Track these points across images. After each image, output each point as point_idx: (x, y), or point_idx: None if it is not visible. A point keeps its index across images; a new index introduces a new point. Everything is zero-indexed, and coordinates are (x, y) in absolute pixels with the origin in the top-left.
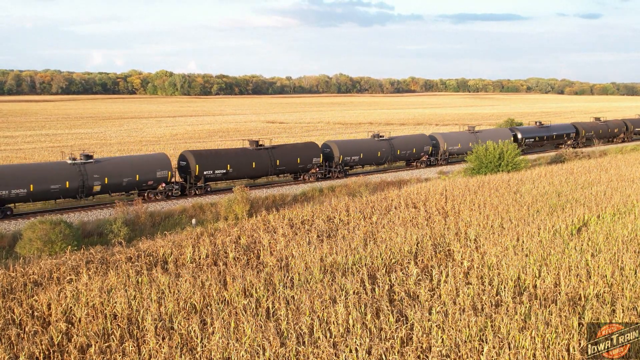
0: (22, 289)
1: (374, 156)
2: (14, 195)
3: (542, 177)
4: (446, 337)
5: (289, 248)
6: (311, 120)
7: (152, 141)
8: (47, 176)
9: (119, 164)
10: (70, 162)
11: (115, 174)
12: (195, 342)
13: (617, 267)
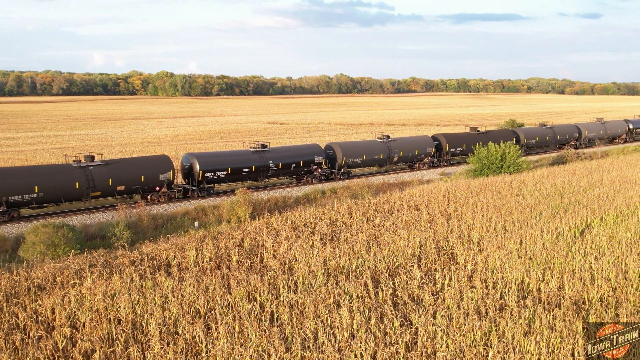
0: (26, 293)
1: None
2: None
3: (544, 178)
4: (451, 341)
5: (292, 251)
6: (312, 121)
7: (153, 142)
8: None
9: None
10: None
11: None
12: (200, 347)
13: (620, 271)
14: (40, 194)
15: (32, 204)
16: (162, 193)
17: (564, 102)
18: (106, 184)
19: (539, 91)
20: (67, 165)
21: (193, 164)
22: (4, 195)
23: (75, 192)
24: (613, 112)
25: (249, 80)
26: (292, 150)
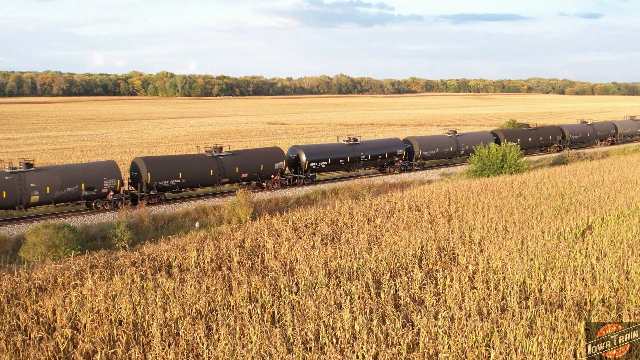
0: (27, 294)
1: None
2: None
3: (545, 179)
4: (453, 342)
5: (293, 252)
6: (312, 121)
7: (153, 143)
8: None
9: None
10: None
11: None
12: (201, 349)
13: (622, 271)
14: (183, 179)
15: (176, 189)
16: (276, 180)
17: (564, 102)
18: (233, 171)
19: (539, 91)
20: (202, 155)
21: (300, 155)
22: (155, 180)
23: (209, 178)
24: (613, 113)
25: (249, 81)
26: (379, 143)
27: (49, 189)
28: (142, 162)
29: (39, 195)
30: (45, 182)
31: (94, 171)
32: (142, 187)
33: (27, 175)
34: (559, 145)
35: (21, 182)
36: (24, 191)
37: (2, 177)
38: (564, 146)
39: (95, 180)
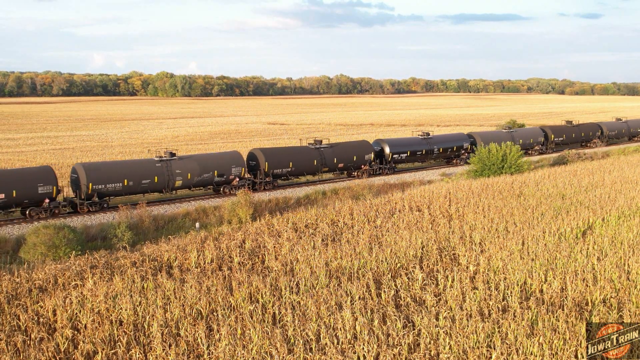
0: (27, 294)
1: (309, 165)
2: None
3: (546, 179)
4: (454, 343)
5: (293, 252)
6: (312, 122)
7: (153, 143)
8: None
9: None
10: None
11: None
12: (202, 349)
13: (623, 272)
14: (293, 168)
15: (286, 176)
16: (365, 170)
17: (564, 102)
18: (332, 161)
19: (539, 91)
20: (307, 147)
21: (384, 147)
22: (272, 168)
23: (313, 167)
24: (613, 113)
25: (249, 81)
26: (448, 137)
27: (190, 175)
28: (260, 153)
29: (181, 180)
30: (186, 169)
31: (224, 160)
32: (260, 174)
33: (172, 162)
34: (598, 140)
35: (168, 168)
36: (170, 176)
37: (153, 165)
38: (602, 141)
39: (225, 168)
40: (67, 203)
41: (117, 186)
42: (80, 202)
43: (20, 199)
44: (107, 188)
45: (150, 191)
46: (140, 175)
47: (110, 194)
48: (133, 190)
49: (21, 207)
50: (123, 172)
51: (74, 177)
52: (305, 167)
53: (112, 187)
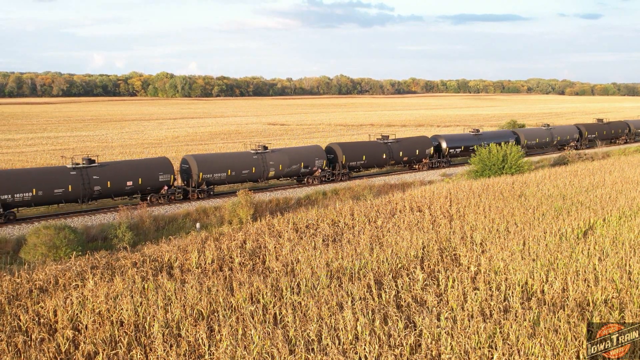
0: (28, 295)
1: (379, 159)
2: (217, 178)
3: (546, 179)
4: (455, 343)
5: (294, 253)
6: (312, 122)
7: (154, 143)
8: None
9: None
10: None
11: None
12: (203, 350)
13: (624, 272)
14: (365, 161)
15: (359, 168)
16: (425, 163)
17: (564, 102)
18: (398, 155)
19: (539, 92)
20: (376, 142)
21: (441, 142)
22: (348, 161)
23: (382, 160)
24: (613, 113)
25: (249, 81)
26: (497, 134)
27: (281, 166)
28: (338, 147)
29: (274, 171)
30: (278, 161)
31: (308, 153)
32: (339, 166)
33: (266, 155)
34: (626, 137)
35: (263, 160)
36: (265, 167)
37: (251, 157)
38: (629, 138)
39: (309, 160)
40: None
41: (222, 176)
42: (192, 189)
43: (144, 186)
44: (214, 177)
45: (248, 180)
46: (241, 166)
47: (215, 182)
48: (234, 180)
49: (143, 194)
50: (227, 163)
51: (184, 167)
52: (376, 160)
53: (218, 176)
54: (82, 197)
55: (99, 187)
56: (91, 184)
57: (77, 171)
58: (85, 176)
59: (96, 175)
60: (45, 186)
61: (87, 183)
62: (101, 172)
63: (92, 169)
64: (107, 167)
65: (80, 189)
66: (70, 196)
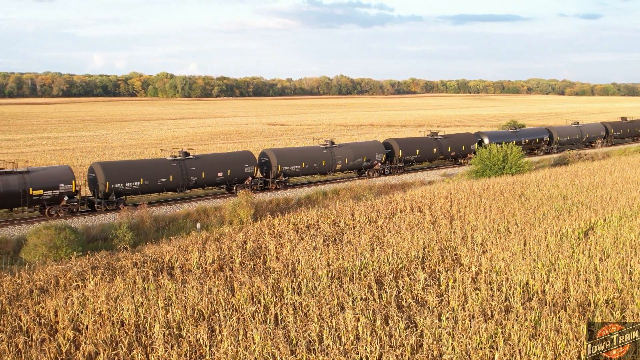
0: (29, 295)
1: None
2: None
3: (547, 179)
4: (457, 344)
5: (295, 253)
6: (312, 122)
7: (154, 144)
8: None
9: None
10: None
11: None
12: (204, 350)
13: (626, 272)
14: (419, 155)
15: (414, 163)
16: (469, 158)
17: (564, 102)
18: (447, 150)
19: (539, 92)
20: (428, 137)
21: (483, 139)
22: (404, 155)
23: (432, 155)
24: (613, 113)
25: (249, 82)
26: (531, 131)
27: (347, 159)
28: (395, 142)
29: (341, 164)
30: (344, 155)
31: (370, 148)
32: (396, 160)
33: (334, 149)
34: None
35: (332, 154)
36: (333, 161)
37: (320, 151)
38: None
39: (371, 154)
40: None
41: (297, 168)
42: (271, 180)
43: (232, 177)
44: (290, 169)
45: (319, 173)
46: (313, 159)
47: (291, 174)
48: (308, 172)
49: (230, 184)
50: (301, 157)
51: (264, 160)
52: (427, 154)
53: (294, 168)
54: (180, 186)
55: (194, 177)
56: (188, 174)
57: (176, 163)
58: (184, 167)
59: (192, 167)
60: (151, 176)
61: (185, 174)
62: (196, 164)
63: (188, 161)
64: (200, 160)
65: (179, 179)
66: (171, 185)
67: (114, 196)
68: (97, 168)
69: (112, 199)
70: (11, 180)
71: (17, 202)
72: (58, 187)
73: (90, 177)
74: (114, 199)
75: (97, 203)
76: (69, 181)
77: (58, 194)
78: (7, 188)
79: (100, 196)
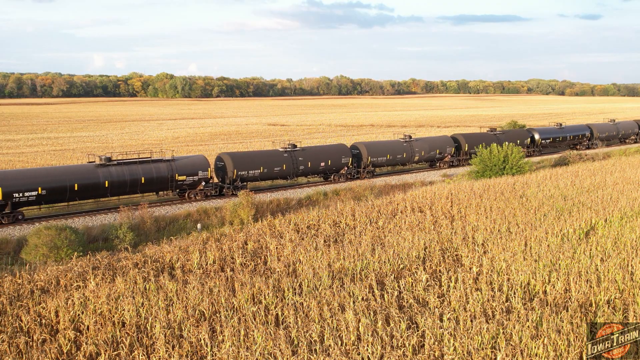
0: (29, 296)
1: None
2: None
3: (547, 180)
4: (458, 344)
5: (296, 253)
6: (313, 123)
7: (154, 144)
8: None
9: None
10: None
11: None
12: (205, 351)
13: (627, 272)
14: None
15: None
16: (523, 152)
17: (565, 103)
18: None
19: (539, 92)
20: (488, 133)
21: (534, 134)
22: (469, 148)
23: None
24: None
25: (249, 82)
26: (575, 127)
27: (423, 152)
28: (462, 137)
29: (418, 156)
30: (421, 148)
31: (442, 142)
32: (462, 153)
33: (413, 143)
34: None
35: (411, 147)
36: (412, 153)
37: (401, 144)
38: None
39: (443, 148)
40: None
41: (383, 160)
42: (362, 170)
43: (332, 166)
44: (378, 160)
45: (400, 164)
46: (395, 152)
47: (378, 165)
48: (391, 163)
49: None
50: (386, 149)
51: (355, 152)
52: None
53: (381, 160)
54: (291, 174)
55: (302, 166)
56: (297, 164)
57: (288, 154)
58: (294, 158)
59: (300, 157)
60: (269, 165)
61: (295, 163)
62: (303, 155)
63: (297, 152)
64: (306, 151)
65: (290, 168)
66: (284, 173)
67: (239, 182)
68: (225, 158)
69: (238, 184)
70: (162, 167)
71: (165, 186)
72: (197, 174)
73: (219, 165)
74: (239, 184)
75: (226, 188)
76: (206, 168)
77: (197, 180)
78: (160, 173)
79: (228, 182)
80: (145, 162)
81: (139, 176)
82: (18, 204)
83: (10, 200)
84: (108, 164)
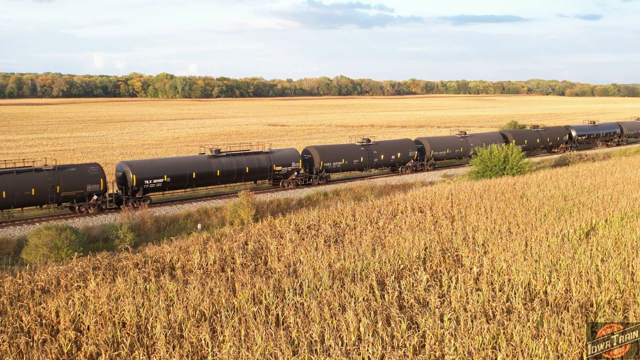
0: (30, 296)
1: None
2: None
3: (548, 180)
4: (459, 345)
5: (296, 254)
6: (313, 123)
7: (154, 144)
8: None
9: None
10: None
11: None
12: (206, 351)
13: (627, 273)
14: (526, 144)
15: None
16: (562, 148)
17: (565, 103)
18: (546, 141)
19: (539, 93)
20: (530, 130)
21: (571, 131)
22: (518, 144)
23: (536, 144)
24: (614, 114)
25: (249, 82)
26: (607, 125)
27: (477, 147)
28: (509, 134)
29: (473, 150)
30: (475, 143)
31: (493, 137)
32: (426, 158)
33: (468, 138)
34: None
35: (466, 142)
36: (468, 147)
37: (458, 139)
38: None
39: (462, 147)
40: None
41: (443, 153)
42: (425, 163)
43: (401, 159)
44: (439, 154)
45: (457, 157)
46: (453, 146)
47: (440, 158)
48: (450, 156)
49: (397, 165)
50: (446, 144)
51: (419, 146)
52: (532, 144)
53: (442, 153)
54: (367, 166)
55: (376, 159)
56: (372, 157)
57: (364, 147)
58: (369, 151)
59: (375, 150)
60: (348, 157)
61: (370, 156)
62: (377, 148)
63: (372, 145)
64: (379, 145)
65: (366, 160)
66: (361, 165)
67: (324, 172)
68: (312, 150)
69: (323, 174)
70: (262, 158)
71: (265, 175)
72: (290, 164)
73: (306, 157)
74: (324, 175)
75: (313, 177)
76: (297, 160)
77: (290, 170)
78: (260, 164)
79: (315, 172)
80: (249, 154)
81: (244, 166)
82: (147, 189)
83: (142, 186)
84: (218, 155)
